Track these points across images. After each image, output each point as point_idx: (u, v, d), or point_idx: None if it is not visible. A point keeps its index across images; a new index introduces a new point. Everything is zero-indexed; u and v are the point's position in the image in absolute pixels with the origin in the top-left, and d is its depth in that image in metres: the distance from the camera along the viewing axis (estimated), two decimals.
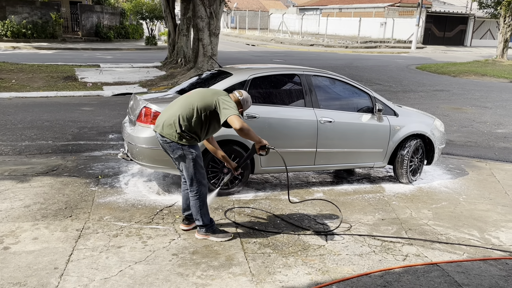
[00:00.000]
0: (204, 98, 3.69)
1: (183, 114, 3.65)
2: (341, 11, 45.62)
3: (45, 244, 3.70)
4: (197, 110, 3.64)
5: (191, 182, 3.81)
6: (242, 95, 3.85)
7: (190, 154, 3.71)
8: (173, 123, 3.66)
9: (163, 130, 3.70)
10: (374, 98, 5.57)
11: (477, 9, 30.34)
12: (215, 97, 3.66)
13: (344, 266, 3.63)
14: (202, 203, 3.86)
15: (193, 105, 3.66)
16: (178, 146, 3.68)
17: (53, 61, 17.49)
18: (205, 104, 3.65)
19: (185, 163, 3.74)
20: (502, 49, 25.76)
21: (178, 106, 3.74)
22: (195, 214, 3.90)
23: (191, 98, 3.75)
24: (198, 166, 3.78)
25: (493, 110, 11.57)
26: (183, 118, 3.64)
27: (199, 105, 3.65)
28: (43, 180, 5.17)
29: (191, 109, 3.65)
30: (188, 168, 3.75)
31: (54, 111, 9.12)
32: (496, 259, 3.89)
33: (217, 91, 3.82)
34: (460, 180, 6.07)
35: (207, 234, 3.95)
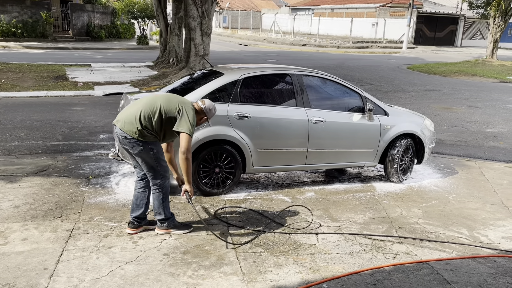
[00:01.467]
0: (169, 102, 3.74)
1: (145, 113, 3.68)
2: (333, 11, 45.79)
3: (35, 245, 3.67)
4: (160, 112, 3.68)
5: (154, 175, 3.82)
6: (204, 103, 3.89)
7: (151, 150, 3.73)
8: (134, 120, 3.67)
9: (124, 126, 3.70)
10: (365, 98, 5.60)
11: (467, 10, 30.64)
12: (180, 105, 3.72)
13: (335, 264, 3.65)
14: (165, 196, 3.90)
15: (157, 105, 3.70)
16: (138, 142, 3.69)
17: (44, 61, 17.34)
18: (169, 108, 3.70)
19: (146, 158, 3.75)
20: (492, 49, 26.03)
21: (142, 104, 3.76)
22: (157, 207, 3.92)
23: (157, 99, 3.78)
24: (160, 161, 3.81)
25: (483, 109, 11.69)
26: (144, 116, 3.67)
27: (162, 107, 3.69)
28: (33, 181, 5.13)
29: (154, 109, 3.69)
30: (150, 163, 3.77)
31: (44, 111, 9.05)
32: (484, 257, 3.93)
33: (184, 101, 3.84)
34: (450, 179, 6.13)
35: (169, 228, 3.99)
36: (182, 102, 3.78)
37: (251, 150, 4.96)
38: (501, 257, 3.95)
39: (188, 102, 3.84)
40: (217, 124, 4.78)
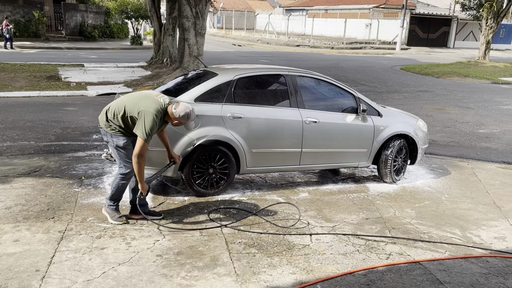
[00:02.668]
0: (136, 103, 3.89)
1: (114, 107, 3.96)
2: (327, 12, 45.92)
3: (27, 246, 3.64)
4: (124, 110, 3.90)
5: (120, 164, 4.07)
6: (176, 108, 3.88)
7: (113, 142, 4.00)
8: (105, 112, 4.03)
9: (99, 117, 4.10)
10: (358, 99, 5.62)
11: (460, 11, 30.88)
12: (142, 108, 3.82)
13: (329, 265, 3.66)
14: (122, 186, 4.12)
15: (125, 103, 3.93)
16: (105, 133, 4.04)
17: (36, 61, 17.23)
18: (131, 108, 3.87)
19: (110, 148, 4.12)
20: (484, 51, 26.24)
21: (116, 100, 4.10)
22: (112, 194, 4.15)
23: (127, 98, 4.03)
24: (122, 154, 4.01)
25: (475, 110, 11.78)
26: (112, 111, 3.96)
27: (128, 106, 3.90)
28: (25, 181, 5.09)
29: (121, 106, 3.93)
30: (114, 153, 4.09)
31: (36, 111, 8.99)
32: (477, 257, 3.96)
33: (148, 105, 3.85)
34: (443, 180, 6.16)
35: (107, 211, 4.21)
36: (145, 106, 3.84)
37: (245, 151, 4.95)
38: (493, 257, 3.98)
39: (152, 107, 3.83)
40: (211, 124, 4.77)
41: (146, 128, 3.77)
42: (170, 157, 4.33)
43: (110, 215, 4.19)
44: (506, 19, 39.88)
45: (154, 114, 3.81)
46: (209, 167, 4.87)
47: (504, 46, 43.85)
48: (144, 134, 3.76)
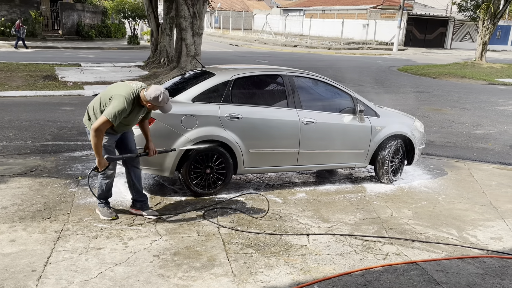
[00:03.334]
0: (109, 92, 3.99)
1: (92, 104, 4.07)
2: (324, 12, 45.98)
3: (23, 246, 3.63)
4: (100, 102, 3.99)
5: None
6: (146, 90, 3.94)
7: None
8: (86, 110, 4.11)
9: (84, 117, 4.17)
10: (355, 99, 5.62)
11: (457, 12, 31.00)
12: (113, 93, 3.91)
13: (326, 265, 3.66)
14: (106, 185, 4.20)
15: (100, 96, 4.03)
16: (88, 131, 4.06)
17: (33, 60, 17.17)
18: (105, 97, 3.97)
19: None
20: (481, 52, 26.33)
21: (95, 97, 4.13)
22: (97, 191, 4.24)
23: (103, 91, 4.11)
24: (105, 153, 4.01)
25: (472, 111, 11.81)
26: (92, 107, 4.04)
27: (102, 97, 4.00)
28: (21, 181, 5.07)
29: (97, 100, 4.02)
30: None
31: (33, 111, 8.95)
32: (473, 258, 3.97)
33: (120, 89, 3.94)
34: (440, 180, 6.18)
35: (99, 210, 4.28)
36: (116, 91, 3.93)
37: (242, 151, 4.95)
38: (489, 257, 3.99)
39: (123, 90, 3.91)
40: (208, 124, 4.76)
41: (114, 108, 3.79)
42: (146, 147, 4.32)
43: (100, 212, 4.28)
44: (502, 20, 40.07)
45: (124, 97, 3.84)
46: (206, 167, 4.86)
47: (500, 47, 44.03)
48: (110, 113, 3.77)
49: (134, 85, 3.98)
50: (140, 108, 4.01)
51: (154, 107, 3.99)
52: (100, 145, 3.88)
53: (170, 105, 4.08)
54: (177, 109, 4.72)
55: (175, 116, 4.66)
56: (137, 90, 3.94)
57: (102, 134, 3.84)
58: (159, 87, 3.95)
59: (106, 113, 3.78)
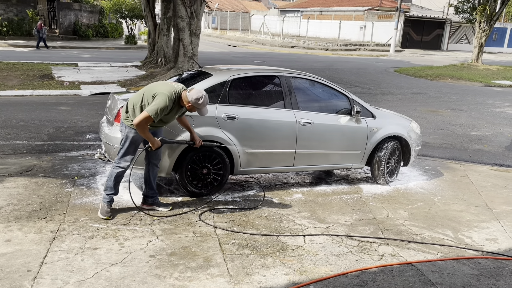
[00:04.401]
0: (152, 89, 4.14)
1: (132, 99, 4.20)
2: (322, 13, 46.05)
3: (18, 246, 3.61)
4: (142, 97, 4.13)
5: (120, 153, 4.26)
6: (190, 91, 4.13)
7: (125, 132, 4.20)
8: (126, 105, 4.25)
9: (121, 111, 4.32)
10: (352, 100, 5.64)
11: (454, 14, 31.12)
12: (157, 91, 4.07)
13: (322, 266, 3.66)
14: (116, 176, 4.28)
15: (143, 92, 4.16)
16: (122, 124, 4.24)
17: (29, 59, 17.12)
18: (148, 94, 4.10)
19: (123, 138, 4.25)
20: (477, 54, 26.44)
21: (136, 93, 4.28)
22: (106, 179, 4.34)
23: (146, 87, 4.24)
24: (127, 146, 4.21)
25: (468, 113, 11.86)
26: (132, 102, 4.17)
27: (145, 94, 4.13)
28: (17, 181, 5.05)
29: (140, 95, 4.16)
30: (121, 142, 4.26)
31: (29, 110, 8.93)
32: (469, 259, 3.98)
33: (163, 88, 4.12)
34: (435, 181, 6.20)
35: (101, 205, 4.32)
36: (160, 89, 4.10)
37: (239, 152, 4.95)
38: (485, 258, 4.01)
39: (166, 89, 4.09)
40: (205, 125, 4.76)
41: (157, 106, 3.97)
42: (192, 138, 4.50)
43: (100, 209, 4.31)
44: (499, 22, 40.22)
45: (167, 96, 4.03)
46: (203, 167, 4.86)
47: (496, 49, 44.23)
48: (153, 110, 3.96)
49: (176, 86, 4.18)
50: (179, 108, 4.21)
51: (193, 108, 4.15)
52: (147, 134, 4.09)
53: (207, 109, 4.28)
54: None
55: None
56: (179, 91, 4.14)
57: (145, 128, 4.03)
58: (201, 90, 4.16)
59: (149, 110, 3.97)
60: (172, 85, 4.18)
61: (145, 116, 3.97)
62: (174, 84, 4.21)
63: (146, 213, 4.42)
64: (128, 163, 4.28)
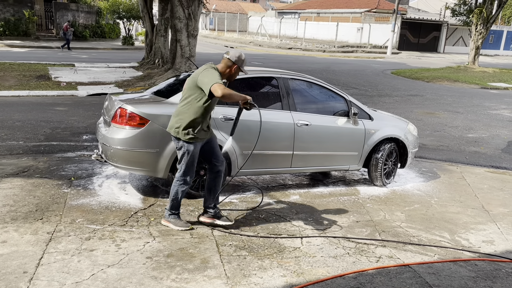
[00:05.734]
0: (194, 77, 3.92)
1: (178, 107, 4.01)
2: (319, 15, 46.15)
3: (14, 248, 3.59)
4: (188, 90, 3.93)
5: (182, 169, 4.07)
6: (228, 53, 4.04)
7: (185, 148, 4.00)
8: (173, 117, 4.04)
9: (170, 124, 4.05)
10: (350, 102, 5.65)
11: (450, 17, 31.23)
12: (201, 71, 3.90)
13: (319, 268, 3.66)
14: (182, 193, 4.12)
15: (184, 89, 4.01)
16: (177, 140, 4.02)
17: (26, 60, 17.06)
18: (192, 83, 3.91)
19: (181, 153, 4.04)
20: (474, 56, 26.56)
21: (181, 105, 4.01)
22: (170, 199, 4.13)
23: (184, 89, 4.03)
24: (189, 161, 4.04)
25: (464, 115, 11.91)
26: (178, 110, 4.00)
27: (187, 86, 3.96)
28: (13, 182, 5.03)
29: (183, 94, 4.00)
30: (180, 156, 4.07)
31: (26, 111, 8.89)
32: (465, 260, 3.99)
33: (204, 67, 3.95)
34: (432, 183, 6.21)
35: (169, 221, 4.18)
36: (202, 69, 3.93)
37: (236, 153, 4.95)
38: (481, 260, 4.02)
39: (208, 66, 3.95)
40: None
41: (212, 75, 3.78)
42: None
43: (173, 224, 4.15)
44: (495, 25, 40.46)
45: (213, 67, 3.92)
46: (200, 168, 4.85)
47: (493, 52, 44.45)
48: (213, 78, 3.74)
49: (210, 63, 4.03)
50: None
51: (234, 72, 4.05)
52: (234, 93, 3.82)
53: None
54: (172, 110, 4.70)
55: (170, 117, 4.64)
56: (214, 65, 3.99)
57: (226, 89, 3.72)
58: (236, 49, 4.08)
59: (210, 82, 3.73)
60: (208, 64, 4.04)
61: (217, 84, 3.69)
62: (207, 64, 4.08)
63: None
64: (193, 178, 4.17)
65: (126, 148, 4.61)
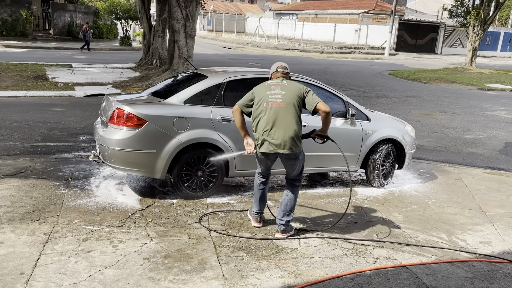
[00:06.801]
0: (291, 95, 4.11)
1: (287, 129, 4.03)
2: (317, 16, 46.19)
3: (11, 249, 3.58)
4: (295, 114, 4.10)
5: (298, 175, 4.24)
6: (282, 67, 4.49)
7: (301, 158, 4.15)
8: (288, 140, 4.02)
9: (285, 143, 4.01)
10: (347, 103, 5.65)
11: (448, 18, 31.30)
12: (300, 91, 4.17)
13: (317, 269, 3.66)
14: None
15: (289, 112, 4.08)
16: (300, 154, 4.12)
17: (23, 60, 17.01)
18: (295, 98, 4.12)
19: (297, 163, 4.14)
20: (471, 57, 26.63)
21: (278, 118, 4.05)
22: (291, 209, 4.17)
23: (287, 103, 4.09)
24: (302, 165, 4.22)
25: (462, 116, 11.94)
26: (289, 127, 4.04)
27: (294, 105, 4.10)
28: (10, 183, 5.01)
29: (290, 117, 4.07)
30: (296, 166, 4.15)
31: (23, 112, 8.86)
32: (463, 261, 4.00)
33: (295, 85, 4.24)
34: (430, 184, 6.22)
35: (288, 233, 4.21)
36: (295, 85, 4.25)
37: (234, 153, 4.94)
38: (479, 261, 4.03)
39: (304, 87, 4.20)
40: (200, 127, 4.75)
41: (315, 95, 4.08)
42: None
43: (289, 234, 4.22)
44: (492, 26, 40.62)
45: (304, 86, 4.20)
46: (198, 169, 4.85)
47: (490, 53, 44.61)
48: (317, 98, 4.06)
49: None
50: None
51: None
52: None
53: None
54: (169, 111, 4.71)
55: (167, 118, 4.65)
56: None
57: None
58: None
59: (320, 99, 4.05)
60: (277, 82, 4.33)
61: (322, 103, 4.01)
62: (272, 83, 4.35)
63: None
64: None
65: (124, 149, 4.60)
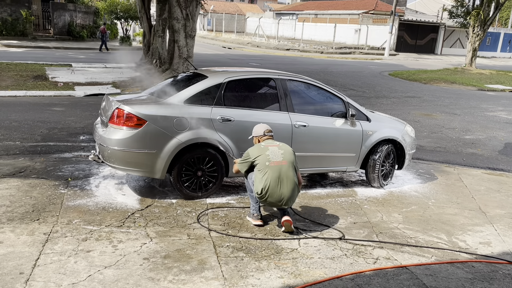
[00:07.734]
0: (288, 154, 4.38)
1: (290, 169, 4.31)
2: (317, 16, 46.19)
3: (11, 248, 3.58)
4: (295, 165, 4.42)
5: None
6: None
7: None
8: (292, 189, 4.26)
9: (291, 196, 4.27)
10: (347, 104, 5.65)
11: (448, 19, 31.30)
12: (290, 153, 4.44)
13: (316, 269, 3.66)
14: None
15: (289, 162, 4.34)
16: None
17: (23, 60, 17.00)
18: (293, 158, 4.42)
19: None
20: (471, 58, 26.64)
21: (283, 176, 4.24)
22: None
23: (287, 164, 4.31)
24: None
25: (462, 117, 11.94)
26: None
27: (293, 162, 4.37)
28: (9, 182, 5.00)
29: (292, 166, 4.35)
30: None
31: (22, 111, 8.86)
32: (462, 262, 4.00)
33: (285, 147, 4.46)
34: (430, 185, 6.22)
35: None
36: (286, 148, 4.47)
37: (234, 154, 4.94)
38: (478, 262, 4.02)
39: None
40: (200, 127, 4.75)
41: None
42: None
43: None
44: (492, 27, 40.63)
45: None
46: (198, 169, 4.85)
47: (490, 54, 44.60)
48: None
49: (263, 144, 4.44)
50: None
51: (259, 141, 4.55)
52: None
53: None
54: (169, 111, 4.71)
55: (167, 118, 4.65)
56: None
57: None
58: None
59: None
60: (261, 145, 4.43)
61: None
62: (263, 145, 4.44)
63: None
64: None
65: (123, 149, 4.60)
